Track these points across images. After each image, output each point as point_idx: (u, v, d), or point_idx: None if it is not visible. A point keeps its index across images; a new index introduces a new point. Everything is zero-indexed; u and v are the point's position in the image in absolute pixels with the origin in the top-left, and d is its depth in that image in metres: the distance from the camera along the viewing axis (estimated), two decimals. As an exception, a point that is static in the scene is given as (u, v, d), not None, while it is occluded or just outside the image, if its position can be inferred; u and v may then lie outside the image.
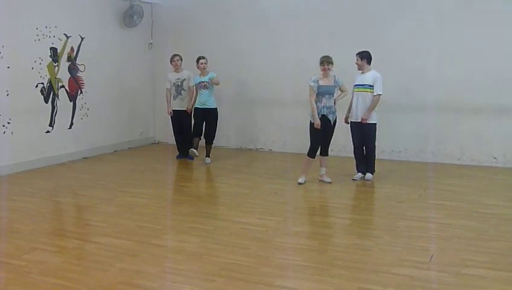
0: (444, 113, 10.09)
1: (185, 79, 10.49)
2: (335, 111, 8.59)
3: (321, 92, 8.45)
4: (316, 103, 8.48)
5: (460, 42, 9.86)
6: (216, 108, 10.37)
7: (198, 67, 10.29)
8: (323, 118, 8.50)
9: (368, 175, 8.92)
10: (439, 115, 10.12)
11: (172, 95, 10.62)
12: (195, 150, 10.41)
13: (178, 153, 10.95)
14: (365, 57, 8.69)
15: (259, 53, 11.49)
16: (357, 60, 8.72)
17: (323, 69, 8.45)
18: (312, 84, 8.45)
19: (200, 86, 10.25)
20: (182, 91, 10.53)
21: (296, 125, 10.89)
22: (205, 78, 10.23)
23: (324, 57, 8.49)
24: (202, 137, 10.50)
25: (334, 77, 8.56)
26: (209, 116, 10.33)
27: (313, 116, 8.47)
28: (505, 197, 7.94)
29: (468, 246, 5.85)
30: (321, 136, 8.59)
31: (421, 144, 10.40)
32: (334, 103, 8.59)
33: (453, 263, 5.38)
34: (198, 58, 10.28)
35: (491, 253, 5.64)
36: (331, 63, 8.46)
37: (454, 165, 10.03)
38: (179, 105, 10.56)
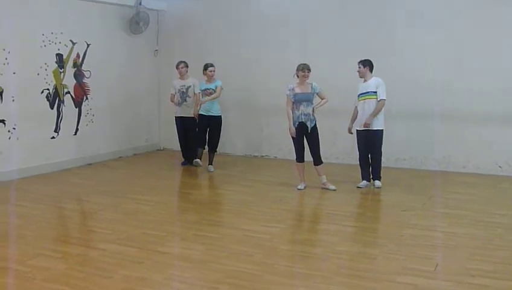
0: (449, 121, 10.07)
1: (190, 86, 10.47)
2: (314, 118, 8.64)
3: (298, 100, 8.53)
4: (294, 110, 8.58)
5: (467, 50, 9.83)
6: (220, 116, 10.34)
7: (205, 74, 10.24)
8: (301, 125, 8.59)
9: (377, 183, 8.87)
10: (444, 123, 10.10)
11: (178, 101, 10.62)
12: (199, 160, 10.53)
13: (183, 159, 10.95)
14: (367, 64, 8.70)
15: (265, 60, 11.48)
16: (359, 67, 8.73)
17: (304, 76, 8.53)
18: (288, 92, 8.57)
19: (206, 92, 10.20)
20: (187, 98, 10.52)
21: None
22: (211, 86, 10.20)
23: (303, 64, 8.58)
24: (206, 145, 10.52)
25: (311, 84, 8.61)
26: (213, 124, 10.30)
27: (289, 122, 8.62)
28: (510, 206, 7.92)
29: (472, 255, 5.83)
30: (301, 141, 8.71)
31: (426, 152, 10.37)
32: (313, 111, 8.62)
33: (457, 272, 5.36)
34: (207, 66, 10.23)
35: (496, 262, 5.62)
36: (310, 70, 8.55)
37: (459, 173, 9.99)
38: (184, 112, 10.55)
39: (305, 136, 8.69)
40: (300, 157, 8.78)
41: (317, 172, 8.85)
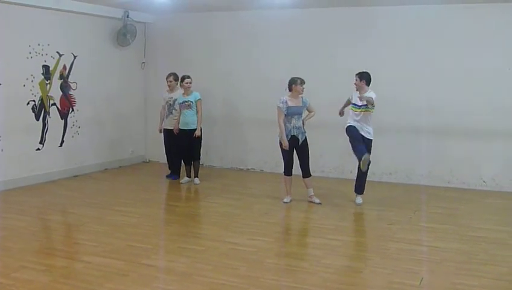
0: (434, 136, 10.14)
1: (176, 99, 10.46)
2: (304, 131, 8.69)
3: (290, 113, 8.54)
4: (285, 123, 8.58)
5: (452, 67, 9.91)
6: (200, 127, 10.26)
7: (182, 86, 10.19)
8: (293, 138, 8.60)
9: (358, 199, 8.77)
10: (430, 138, 10.16)
11: (166, 113, 10.61)
12: (188, 178, 10.45)
13: (169, 172, 10.92)
14: (365, 78, 8.59)
15: (251, 74, 11.51)
16: (356, 80, 8.62)
17: (302, 90, 8.57)
18: (280, 105, 8.54)
19: (184, 105, 10.15)
20: (173, 110, 10.47)
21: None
22: (189, 98, 10.15)
23: (300, 78, 8.61)
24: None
25: (302, 97, 8.65)
26: (193, 137, 10.20)
27: (281, 137, 8.57)
28: (494, 220, 7.96)
29: (458, 270, 5.86)
30: (292, 155, 8.73)
31: (411, 167, 10.41)
32: (303, 124, 8.68)
33: (443, 287, 5.39)
34: (184, 78, 10.17)
35: (481, 277, 5.65)
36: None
37: (445, 188, 10.03)
38: (170, 124, 10.52)
39: (296, 149, 8.71)
40: (288, 171, 8.79)
41: (305, 185, 8.85)
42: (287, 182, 8.88)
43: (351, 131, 8.53)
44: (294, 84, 8.58)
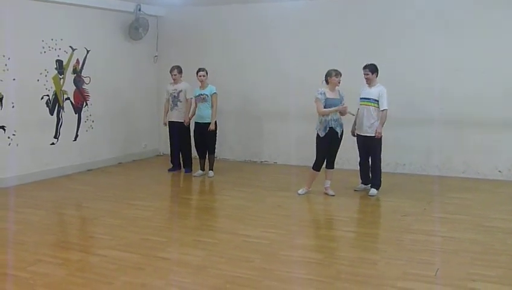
0: (449, 126, 10.08)
1: (181, 90, 10.43)
2: (342, 123, 8.62)
3: (328, 105, 8.45)
4: (323, 116, 8.51)
5: (466, 56, 9.85)
6: (215, 121, 10.21)
7: (197, 79, 10.23)
8: (331, 131, 8.51)
9: (372, 191, 8.76)
10: (444, 128, 10.10)
11: (170, 106, 10.63)
12: (201, 171, 10.44)
13: (171, 165, 10.89)
14: (375, 70, 8.64)
15: (264, 66, 11.49)
16: (367, 74, 8.65)
17: (338, 82, 8.49)
18: (319, 96, 8.46)
19: (199, 99, 10.17)
20: (178, 103, 10.47)
21: (301, 138, 10.87)
22: (205, 92, 10.17)
23: (337, 70, 8.51)
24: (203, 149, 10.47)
25: (338, 90, 8.59)
26: (207, 130, 10.18)
27: (329, 110, 8.42)
28: (509, 210, 7.91)
29: (474, 260, 5.83)
30: (327, 150, 8.63)
31: (425, 157, 10.37)
32: (340, 116, 8.63)
33: (458, 277, 5.35)
34: (198, 71, 10.19)
35: (497, 267, 5.62)
36: None
37: (459, 178, 9.98)
38: (175, 116, 10.54)
39: (332, 141, 8.65)
40: (319, 166, 8.71)
41: (326, 175, 8.82)
42: (313, 176, 8.81)
43: (358, 146, 9.01)
44: (329, 76, 8.49)
